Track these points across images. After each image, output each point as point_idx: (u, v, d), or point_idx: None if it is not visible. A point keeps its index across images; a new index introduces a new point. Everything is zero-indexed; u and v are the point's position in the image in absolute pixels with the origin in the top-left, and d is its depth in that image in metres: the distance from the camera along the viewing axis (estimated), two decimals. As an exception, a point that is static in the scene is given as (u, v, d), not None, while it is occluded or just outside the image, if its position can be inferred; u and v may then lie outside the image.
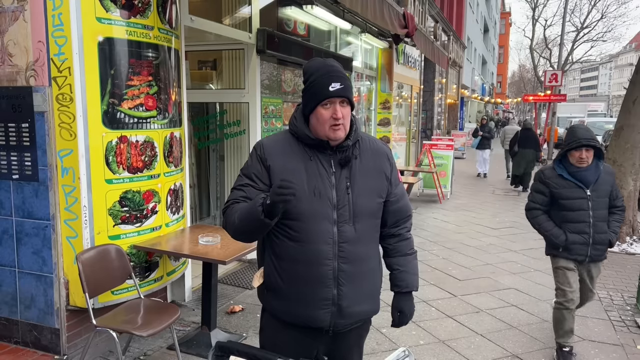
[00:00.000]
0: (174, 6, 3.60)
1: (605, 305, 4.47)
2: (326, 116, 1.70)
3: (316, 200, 1.71)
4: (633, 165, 6.56)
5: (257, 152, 1.79)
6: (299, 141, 1.77)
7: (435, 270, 5.40)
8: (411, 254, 1.97)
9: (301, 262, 1.73)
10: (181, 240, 3.55)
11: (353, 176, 1.77)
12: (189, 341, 3.53)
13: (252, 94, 5.29)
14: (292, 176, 1.68)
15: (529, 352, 3.60)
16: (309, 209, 1.70)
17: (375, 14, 5.30)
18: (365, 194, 1.78)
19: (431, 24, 14.45)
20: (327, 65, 1.75)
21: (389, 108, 10.08)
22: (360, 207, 1.76)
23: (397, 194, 1.91)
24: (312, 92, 1.72)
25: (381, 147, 1.91)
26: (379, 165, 1.85)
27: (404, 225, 1.96)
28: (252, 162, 1.80)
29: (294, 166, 1.73)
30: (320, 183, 1.72)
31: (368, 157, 1.83)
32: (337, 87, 1.69)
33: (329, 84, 1.68)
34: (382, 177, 1.85)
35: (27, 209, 3.19)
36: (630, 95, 6.60)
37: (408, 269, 1.94)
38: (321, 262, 1.72)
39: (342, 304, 1.76)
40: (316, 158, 1.75)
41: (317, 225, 1.71)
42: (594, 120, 19.64)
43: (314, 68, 1.75)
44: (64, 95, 3.05)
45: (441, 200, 9.62)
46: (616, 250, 6.27)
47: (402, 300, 1.94)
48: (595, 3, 33.64)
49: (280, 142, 1.80)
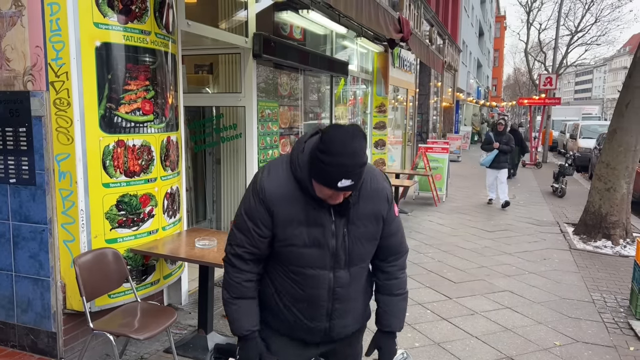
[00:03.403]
0: (170, 11, 3.63)
1: (599, 308, 4.51)
2: (326, 194, 1.61)
3: (316, 250, 1.70)
4: (626, 168, 6.62)
5: (260, 197, 1.68)
6: (300, 185, 1.67)
7: (431, 273, 5.43)
8: (398, 295, 1.91)
9: (299, 301, 1.77)
10: (178, 243, 3.57)
11: (351, 223, 1.72)
12: (185, 344, 3.54)
13: (248, 98, 5.32)
14: (294, 228, 1.67)
15: (523, 354, 3.63)
16: (309, 258, 1.71)
17: (370, 19, 5.34)
18: (361, 240, 1.75)
19: (426, 27, 14.52)
20: (345, 153, 1.53)
21: (385, 111, 10.12)
22: (355, 254, 1.75)
23: (389, 231, 1.82)
24: (320, 174, 1.57)
25: (381, 188, 1.78)
26: (377, 209, 1.76)
27: (394, 262, 1.89)
28: (256, 205, 1.69)
29: (296, 216, 1.67)
30: (320, 234, 1.69)
31: (367, 201, 1.74)
32: (346, 184, 1.55)
33: (339, 180, 1.53)
34: (379, 221, 1.78)
35: (24, 212, 3.20)
36: (623, 98, 6.67)
37: (392, 310, 1.90)
38: (317, 304, 1.77)
39: (332, 333, 1.84)
40: (318, 207, 1.68)
41: (316, 272, 1.73)
42: (589, 123, 19.74)
43: (333, 148, 1.53)
44: (62, 99, 3.06)
45: (436, 203, 9.66)
46: (610, 252, 6.32)
47: (383, 339, 1.92)
48: (590, 7, 33.80)
49: (283, 186, 1.68)
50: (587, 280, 5.25)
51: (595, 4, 36.45)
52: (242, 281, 1.76)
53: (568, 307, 4.53)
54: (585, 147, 16.13)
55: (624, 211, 6.72)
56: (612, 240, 6.59)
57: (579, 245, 6.63)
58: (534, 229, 7.67)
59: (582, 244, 6.72)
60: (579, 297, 4.76)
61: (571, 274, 5.48)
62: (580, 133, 17.72)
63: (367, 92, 9.94)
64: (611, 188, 6.69)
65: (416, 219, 8.29)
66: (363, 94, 9.81)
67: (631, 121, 6.55)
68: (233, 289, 1.77)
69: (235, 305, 1.77)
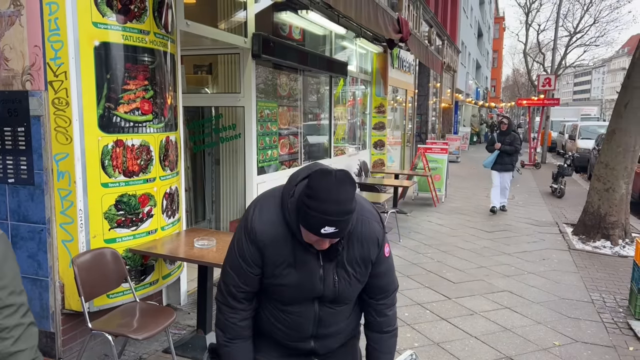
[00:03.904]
0: (169, 11, 3.62)
1: (598, 308, 4.52)
2: (312, 239, 1.59)
3: (304, 292, 1.71)
4: (625, 168, 6.63)
5: (251, 237, 1.66)
6: (289, 229, 1.64)
7: (430, 273, 5.43)
8: (387, 332, 1.88)
9: (284, 326, 1.79)
10: (177, 243, 3.56)
11: (339, 267, 1.71)
12: (184, 344, 3.54)
13: (247, 98, 5.31)
14: (282, 269, 1.68)
15: (522, 354, 3.63)
16: (296, 296, 1.72)
17: (369, 19, 5.34)
18: (350, 283, 1.74)
19: (425, 28, 14.54)
20: (329, 200, 1.49)
21: (384, 112, 10.12)
22: (343, 295, 1.75)
23: (378, 272, 1.79)
24: (305, 219, 1.54)
25: (372, 233, 1.73)
26: (366, 253, 1.73)
27: (383, 301, 1.85)
28: (247, 244, 1.68)
29: (286, 258, 1.67)
30: (308, 279, 1.69)
31: (356, 246, 1.71)
32: (330, 231, 1.51)
33: (322, 227, 1.50)
34: (367, 265, 1.75)
35: (23, 212, 3.20)
36: (622, 99, 6.67)
37: (381, 348, 1.89)
38: (302, 330, 1.79)
39: (319, 351, 1.85)
40: (307, 252, 1.66)
41: (302, 308, 1.75)
42: (587, 124, 19.76)
43: (317, 195, 1.50)
44: (60, 99, 3.06)
45: (436, 204, 9.67)
46: (609, 252, 6.33)
47: None
48: (588, 8, 33.84)
49: (273, 227, 1.65)
50: (586, 281, 5.25)
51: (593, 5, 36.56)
52: (237, 321, 1.76)
53: (567, 307, 4.53)
54: (584, 147, 16.14)
55: (622, 211, 6.72)
56: (611, 241, 6.60)
57: (578, 246, 6.64)
58: (533, 229, 7.67)
59: (581, 244, 6.72)
60: (578, 297, 4.76)
61: (570, 274, 5.48)
62: (579, 134, 17.73)
63: (366, 93, 9.95)
64: (610, 188, 6.70)
65: (415, 219, 8.29)
66: (362, 94, 9.81)
67: (630, 122, 6.56)
68: (229, 330, 1.76)
69: (230, 347, 1.77)
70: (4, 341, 1.02)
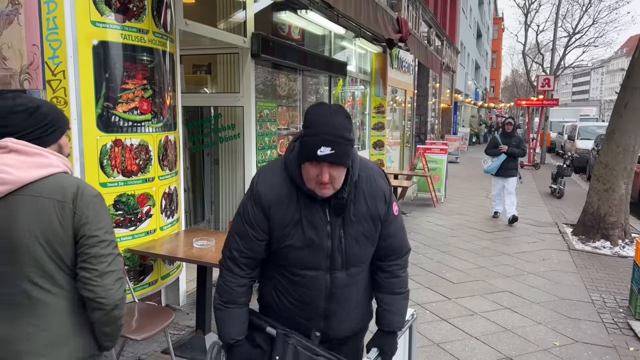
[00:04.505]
0: (168, 10, 3.61)
1: (598, 308, 4.51)
2: (312, 174, 1.59)
3: (311, 251, 1.70)
4: (625, 168, 6.62)
5: (256, 200, 1.70)
6: (293, 184, 1.68)
7: (430, 274, 5.42)
8: (400, 293, 1.88)
9: (296, 300, 1.77)
10: (175, 243, 3.55)
11: (346, 224, 1.70)
12: (183, 345, 3.52)
13: (246, 98, 5.30)
14: (290, 229, 1.68)
15: (523, 355, 3.62)
16: (305, 259, 1.71)
17: (368, 19, 5.33)
18: (358, 241, 1.73)
19: (425, 29, 14.53)
20: (324, 123, 1.56)
21: (383, 112, 10.12)
22: (352, 255, 1.74)
23: (388, 232, 1.80)
24: (302, 147, 1.59)
25: (379, 188, 1.75)
26: (373, 209, 1.73)
27: (395, 262, 1.85)
28: (252, 209, 1.70)
29: (291, 217, 1.68)
30: (315, 234, 1.68)
31: (363, 202, 1.72)
32: (326, 152, 1.53)
33: (318, 147, 1.53)
34: (376, 221, 1.75)
35: (21, 212, 3.17)
36: (621, 99, 6.67)
37: (393, 308, 1.88)
38: (313, 304, 1.77)
39: (329, 332, 1.82)
40: (312, 207, 1.67)
41: (312, 273, 1.73)
42: (586, 124, 19.77)
43: (312, 120, 1.58)
44: (58, 98, 3.04)
45: (435, 204, 9.65)
46: (608, 253, 6.32)
47: (384, 338, 1.89)
48: (587, 9, 33.88)
49: (277, 187, 1.69)
50: (586, 281, 5.24)
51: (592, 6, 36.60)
52: (234, 286, 1.76)
53: (567, 307, 4.52)
54: (583, 148, 16.14)
55: (622, 212, 6.71)
56: (610, 241, 6.59)
57: (578, 246, 6.63)
58: (532, 229, 7.66)
59: (581, 244, 6.71)
60: (578, 298, 4.75)
61: (570, 274, 5.47)
62: (578, 134, 17.74)
63: (365, 93, 9.94)
64: (610, 189, 6.69)
65: (415, 219, 8.28)
66: (361, 94, 9.80)
67: (630, 122, 6.55)
68: (225, 294, 1.76)
69: (224, 310, 1.76)
70: (101, 264, 1.52)
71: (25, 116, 1.55)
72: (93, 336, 1.59)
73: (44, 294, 1.50)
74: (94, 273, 1.50)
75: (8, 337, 1.49)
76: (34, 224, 1.47)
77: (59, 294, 1.52)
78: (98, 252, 1.51)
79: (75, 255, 1.52)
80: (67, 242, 1.50)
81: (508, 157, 7.87)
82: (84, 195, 1.53)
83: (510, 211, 7.94)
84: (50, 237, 1.48)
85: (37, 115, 1.57)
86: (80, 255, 1.51)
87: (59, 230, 1.49)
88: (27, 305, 1.49)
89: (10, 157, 1.50)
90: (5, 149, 1.51)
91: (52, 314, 1.51)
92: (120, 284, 1.56)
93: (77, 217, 1.50)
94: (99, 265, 1.51)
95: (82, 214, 1.51)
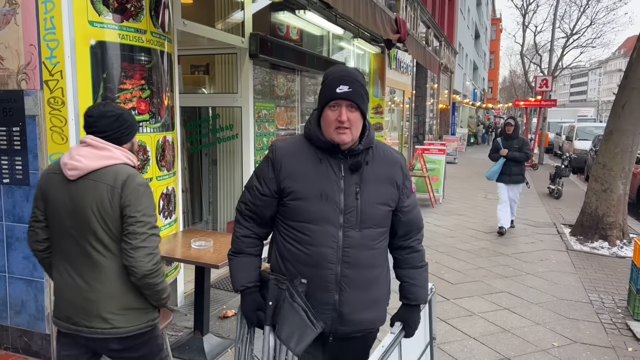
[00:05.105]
0: (166, 10, 3.60)
1: (597, 308, 4.51)
2: (332, 118, 1.69)
3: (323, 203, 1.71)
4: (622, 169, 6.63)
5: (270, 155, 1.80)
6: (311, 144, 1.77)
7: (428, 274, 5.40)
8: (422, 266, 1.94)
9: (305, 265, 1.74)
10: (173, 244, 3.53)
11: (363, 182, 1.74)
12: (181, 346, 3.51)
13: (244, 98, 5.29)
14: (302, 180, 1.72)
15: (521, 355, 3.62)
16: (315, 211, 1.71)
17: (367, 19, 5.33)
18: (374, 201, 1.76)
19: (423, 29, 14.55)
20: (342, 69, 1.77)
21: (382, 113, 10.12)
22: (368, 214, 1.74)
23: (409, 204, 1.87)
24: (322, 93, 1.74)
25: (395, 157, 1.87)
26: (390, 174, 1.81)
27: (415, 237, 1.92)
28: (264, 164, 1.82)
29: (303, 168, 1.74)
30: (328, 186, 1.71)
31: (380, 165, 1.80)
32: (345, 89, 1.67)
33: (337, 86, 1.67)
34: (392, 185, 1.81)
35: (18, 213, 3.16)
36: (619, 100, 6.68)
37: (418, 282, 1.92)
38: (324, 266, 1.72)
39: (343, 311, 1.76)
40: (326, 161, 1.74)
41: (322, 228, 1.71)
42: (584, 125, 19.80)
43: (330, 72, 1.77)
44: (56, 98, 3.03)
45: (433, 205, 9.66)
46: (607, 253, 6.32)
47: (409, 312, 1.93)
48: (585, 10, 33.96)
49: (293, 144, 1.82)
50: (584, 281, 5.24)
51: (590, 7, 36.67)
52: (240, 235, 1.85)
53: (566, 308, 4.52)
54: (581, 148, 16.16)
55: (620, 212, 6.72)
56: (608, 241, 6.59)
57: (576, 246, 6.63)
58: (530, 230, 7.67)
59: (579, 245, 6.71)
60: (576, 298, 4.75)
61: (568, 274, 5.47)
62: (576, 135, 17.77)
63: (363, 94, 9.92)
64: (608, 189, 6.70)
65: (413, 220, 8.26)
66: (360, 95, 9.78)
67: (627, 122, 6.56)
68: (234, 244, 1.87)
69: (234, 259, 1.86)
70: (135, 240, 1.89)
71: (112, 120, 2.00)
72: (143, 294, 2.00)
73: (100, 256, 1.95)
74: (129, 246, 1.90)
75: (81, 286, 1.98)
76: (93, 202, 1.92)
77: (110, 258, 1.95)
78: (135, 229, 1.89)
79: (122, 229, 1.92)
80: (115, 218, 1.92)
81: (508, 162, 7.16)
82: (131, 183, 1.92)
83: (503, 221, 7.28)
84: (103, 213, 1.92)
85: (120, 120, 2.02)
86: (124, 230, 1.92)
87: (109, 208, 1.92)
88: (90, 264, 1.96)
89: (84, 149, 1.96)
90: (84, 143, 1.99)
91: (106, 273, 1.95)
92: (150, 258, 1.91)
93: (122, 200, 1.91)
94: (134, 241, 1.89)
95: (126, 198, 1.90)
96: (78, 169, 1.92)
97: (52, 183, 2.01)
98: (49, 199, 2.01)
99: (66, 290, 2.01)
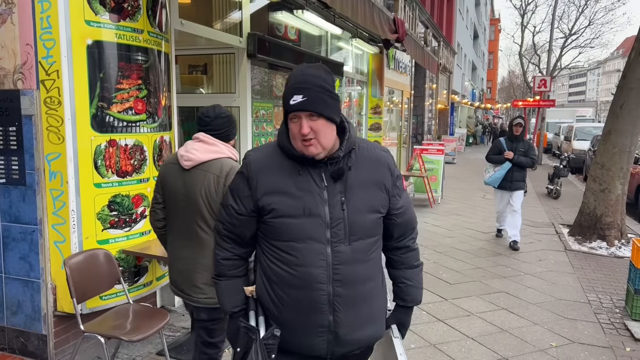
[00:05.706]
0: (164, 10, 3.59)
1: (595, 308, 4.50)
2: (294, 131, 1.55)
3: (306, 220, 1.56)
4: (621, 169, 6.63)
5: (243, 171, 1.67)
6: (286, 154, 1.62)
7: (426, 274, 5.41)
8: (417, 266, 1.85)
9: (294, 287, 1.59)
10: (171, 244, 3.53)
11: (348, 190, 1.60)
12: (178, 347, 3.50)
13: (242, 98, 5.28)
14: (281, 195, 1.58)
15: (519, 355, 3.61)
16: (299, 229, 1.57)
17: (365, 19, 5.32)
18: (362, 209, 1.62)
19: (421, 29, 14.54)
20: (297, 74, 1.58)
21: (380, 113, 10.11)
22: (356, 224, 1.60)
23: (402, 206, 1.75)
24: (282, 105, 1.59)
25: (381, 156, 1.71)
26: (377, 176, 1.67)
27: (410, 236, 1.83)
28: (239, 181, 1.68)
29: (281, 183, 1.60)
30: (310, 200, 1.57)
31: (365, 168, 1.65)
32: (298, 99, 1.50)
33: (291, 97, 1.52)
34: (381, 190, 1.67)
35: (14, 213, 3.15)
36: (617, 100, 6.68)
37: (415, 282, 1.84)
38: (314, 287, 1.57)
39: (339, 332, 1.61)
40: (306, 172, 1.59)
41: (309, 246, 1.57)
42: (583, 125, 19.83)
43: (288, 77, 1.61)
44: (52, 98, 3.02)
45: (432, 205, 9.66)
46: (605, 253, 6.32)
47: (404, 313, 1.86)
48: (583, 10, 34.01)
49: (267, 156, 1.66)
50: (582, 281, 5.24)
51: (588, 7, 36.72)
52: (220, 259, 1.75)
53: (564, 308, 4.51)
54: (579, 149, 16.19)
55: (618, 212, 6.72)
56: (607, 242, 6.59)
57: (574, 247, 6.63)
58: (529, 230, 7.66)
59: (577, 245, 6.72)
60: (574, 298, 4.75)
61: (567, 274, 5.47)
62: (574, 135, 17.80)
63: (362, 94, 9.93)
64: (606, 189, 6.70)
65: (411, 220, 8.26)
66: (358, 95, 9.80)
67: (626, 122, 6.57)
68: (216, 267, 1.77)
69: (217, 283, 1.77)
70: None
71: (224, 121, 2.46)
72: None
73: (204, 234, 2.38)
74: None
75: (188, 257, 2.44)
76: (202, 188, 2.36)
77: (212, 235, 2.10)
78: None
79: None
80: (218, 202, 2.17)
81: (514, 166, 6.36)
82: (233, 174, 2.02)
83: (513, 234, 6.54)
84: (209, 197, 2.35)
85: (230, 121, 2.49)
86: None
87: (214, 194, 2.35)
88: (196, 240, 2.40)
89: (197, 144, 2.41)
90: (197, 139, 2.42)
91: (208, 248, 2.26)
92: None
93: (225, 188, 2.24)
94: None
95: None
96: (192, 160, 2.37)
97: (170, 171, 2.46)
98: (167, 185, 2.47)
99: (177, 261, 2.48)
